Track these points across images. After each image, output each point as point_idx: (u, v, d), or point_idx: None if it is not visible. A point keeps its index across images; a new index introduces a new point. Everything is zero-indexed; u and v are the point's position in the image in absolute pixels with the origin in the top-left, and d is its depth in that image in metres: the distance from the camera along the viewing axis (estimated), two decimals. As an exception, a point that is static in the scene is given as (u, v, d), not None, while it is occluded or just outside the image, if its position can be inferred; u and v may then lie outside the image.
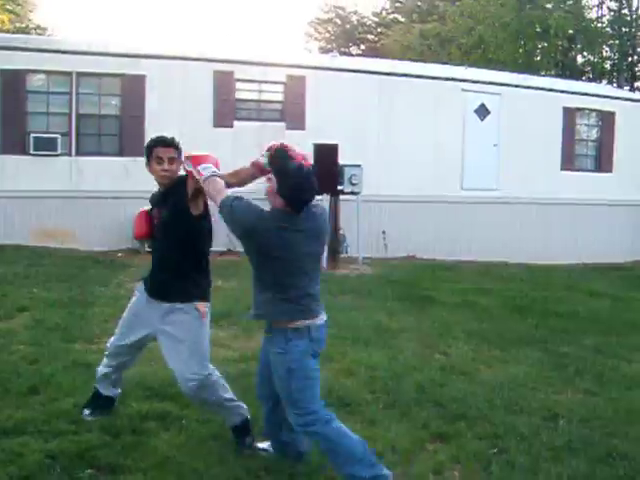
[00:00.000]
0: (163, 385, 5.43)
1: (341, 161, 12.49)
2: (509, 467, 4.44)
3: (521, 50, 26.85)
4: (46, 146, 12.68)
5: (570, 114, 16.68)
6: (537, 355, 7.48)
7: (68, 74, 12.86)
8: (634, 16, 27.87)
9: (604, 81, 29.04)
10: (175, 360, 4.28)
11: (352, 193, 12.75)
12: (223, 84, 13.75)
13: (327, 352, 6.84)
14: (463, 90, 15.48)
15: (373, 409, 5.36)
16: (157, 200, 4.53)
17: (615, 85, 27.10)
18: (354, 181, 12.63)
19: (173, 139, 4.48)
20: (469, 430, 5.01)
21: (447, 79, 15.70)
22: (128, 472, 4.01)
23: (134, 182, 13.11)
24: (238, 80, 13.93)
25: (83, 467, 4.03)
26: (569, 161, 16.78)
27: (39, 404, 4.94)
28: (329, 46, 42.58)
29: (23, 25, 29.36)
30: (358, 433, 4.75)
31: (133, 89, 13.18)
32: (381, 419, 5.15)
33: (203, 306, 4.38)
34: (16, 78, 12.62)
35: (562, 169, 16.64)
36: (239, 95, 14.07)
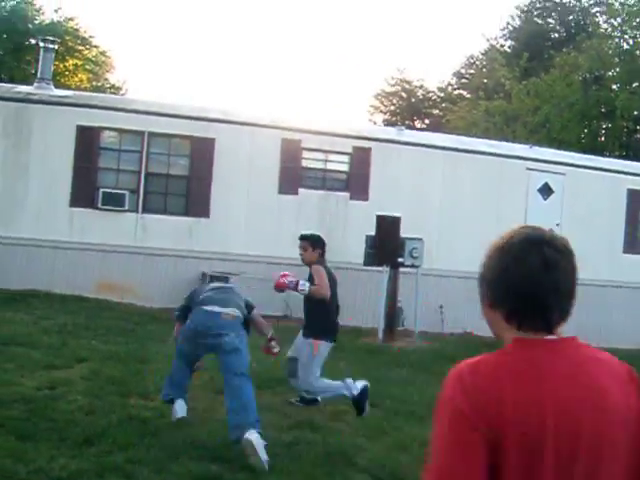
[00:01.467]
0: (218, 447, 5.43)
1: (403, 234, 12.51)
2: None
3: (586, 130, 26.77)
4: (114, 202, 13.04)
5: (635, 196, 16.43)
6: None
7: (140, 133, 13.30)
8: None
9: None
10: None
11: (412, 266, 12.71)
12: (290, 152, 13.99)
13: (380, 425, 6.81)
14: (527, 169, 15.45)
15: (426, 487, 5.23)
16: None
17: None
18: (415, 254, 12.60)
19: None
20: None
21: (512, 157, 15.70)
22: (178, 533, 3.99)
23: (196, 242, 13.43)
24: (305, 149, 14.18)
25: (134, 523, 4.03)
26: (632, 244, 16.47)
27: (93, 456, 4.99)
28: (394, 119, 43.09)
29: (99, 84, 30.53)
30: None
31: (202, 151, 13.53)
32: (433, 497, 5.02)
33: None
34: (90, 134, 13.11)
35: (624, 252, 16.33)
36: (305, 163, 14.30)
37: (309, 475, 5.11)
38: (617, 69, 27.30)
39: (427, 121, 43.80)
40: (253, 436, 5.14)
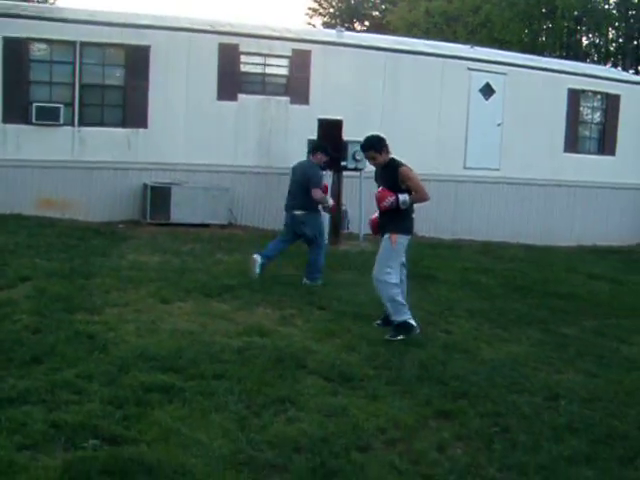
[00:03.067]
0: (168, 357, 5.45)
1: (345, 137, 12.41)
2: (511, 445, 4.46)
3: (527, 30, 26.64)
4: (49, 116, 12.58)
5: (575, 96, 16.58)
6: (538, 335, 7.50)
7: (72, 43, 12.72)
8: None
9: (609, 64, 28.86)
10: None
11: (355, 169, 12.69)
12: (228, 57, 13.61)
13: (329, 327, 6.91)
14: (469, 69, 15.37)
15: (376, 385, 5.37)
16: None
17: (620, 68, 26.94)
18: (357, 157, 12.53)
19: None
20: (471, 408, 5.02)
21: (453, 57, 15.59)
22: (132, 443, 4.01)
23: (135, 153, 13.14)
24: (243, 53, 13.81)
25: (87, 437, 4.03)
26: (572, 143, 16.70)
27: (42, 374, 4.93)
28: (333, 21, 42.26)
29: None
30: (361, 408, 4.82)
31: (137, 60, 13.06)
32: (384, 395, 5.17)
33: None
34: (18, 46, 12.48)
35: (565, 151, 16.57)
36: (244, 68, 13.95)
37: (260, 379, 5.17)
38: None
39: (367, 23, 43.10)
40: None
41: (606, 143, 17.10)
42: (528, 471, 4.13)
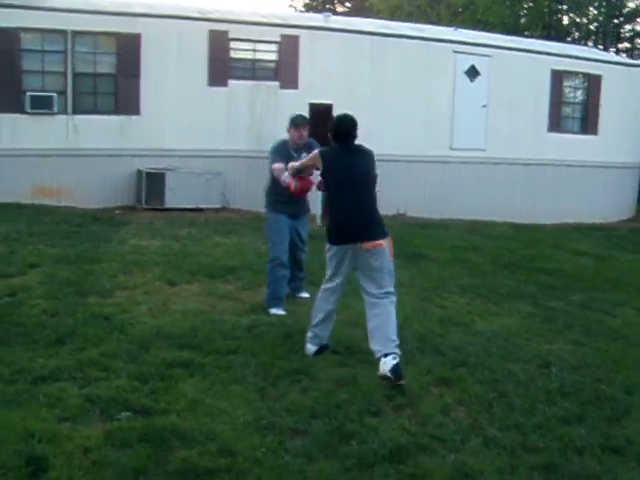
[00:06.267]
0: (183, 335, 5.78)
1: (335, 121, 12.67)
2: (509, 408, 4.85)
3: (508, 11, 26.90)
4: (43, 105, 12.77)
5: (558, 77, 16.92)
6: (528, 309, 7.89)
7: (63, 32, 12.89)
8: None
9: (590, 42, 29.22)
10: None
11: (346, 152, 12.97)
12: (218, 43, 13.83)
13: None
14: (454, 52, 15.67)
15: (379, 357, 5.71)
16: None
17: (601, 47, 27.30)
18: (347, 141, 12.83)
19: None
20: (470, 376, 5.40)
21: (438, 40, 15.85)
22: (162, 414, 4.34)
23: (129, 140, 13.36)
24: (233, 39, 14.03)
25: (120, 409, 4.35)
26: (556, 123, 17.06)
27: (68, 354, 5.25)
28: (314, 3, 42.25)
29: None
30: (368, 378, 5.17)
31: (128, 47, 13.24)
32: (387, 366, 5.51)
33: None
34: (9, 36, 12.63)
35: (549, 131, 16.93)
36: (234, 54, 14.18)
37: (273, 353, 5.52)
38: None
39: (348, 5, 43.07)
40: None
41: (589, 123, 17.47)
42: (526, 430, 4.51)
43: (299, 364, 5.36)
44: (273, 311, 6.82)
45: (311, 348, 5.72)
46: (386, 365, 5.09)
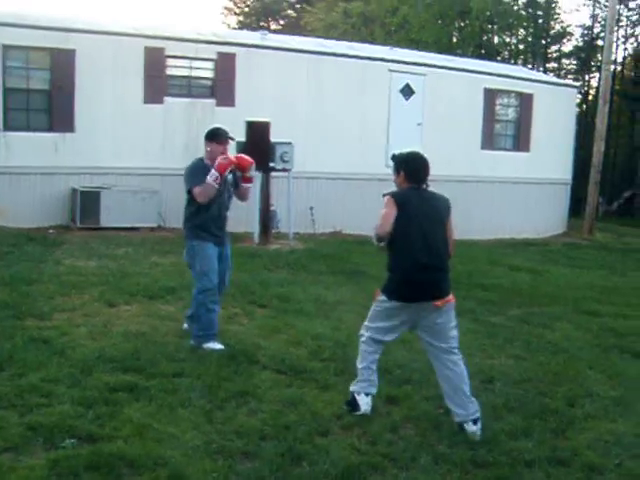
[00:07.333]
0: (126, 358, 5.66)
1: (271, 139, 12.71)
2: (457, 424, 4.88)
3: (442, 30, 27.47)
4: (-27, 121, 12.44)
5: (491, 95, 17.34)
6: (469, 325, 7.97)
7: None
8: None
9: (519, 61, 30.05)
10: None
11: (283, 170, 13.02)
12: (154, 60, 13.71)
13: (273, 324, 7.22)
14: (389, 70, 15.89)
15: (325, 376, 5.72)
16: None
17: (530, 66, 28.13)
18: (285, 158, 12.88)
19: None
20: (416, 393, 5.44)
21: (374, 59, 16.07)
22: (109, 440, 4.23)
23: (63, 157, 13.09)
24: (169, 57, 13.93)
25: (64, 437, 4.22)
26: (489, 141, 17.47)
27: (6, 380, 5.07)
28: (248, 20, 42.38)
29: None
30: (315, 398, 5.18)
31: (63, 64, 13.00)
32: (334, 384, 5.54)
33: None
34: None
35: (482, 148, 17.31)
36: (170, 72, 14.07)
37: (217, 375, 5.45)
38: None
39: (282, 22, 43.33)
40: None
41: (521, 140, 17.94)
42: (474, 446, 4.55)
43: (245, 386, 5.31)
44: (209, 346, 6.17)
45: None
46: (476, 432, 4.76)
